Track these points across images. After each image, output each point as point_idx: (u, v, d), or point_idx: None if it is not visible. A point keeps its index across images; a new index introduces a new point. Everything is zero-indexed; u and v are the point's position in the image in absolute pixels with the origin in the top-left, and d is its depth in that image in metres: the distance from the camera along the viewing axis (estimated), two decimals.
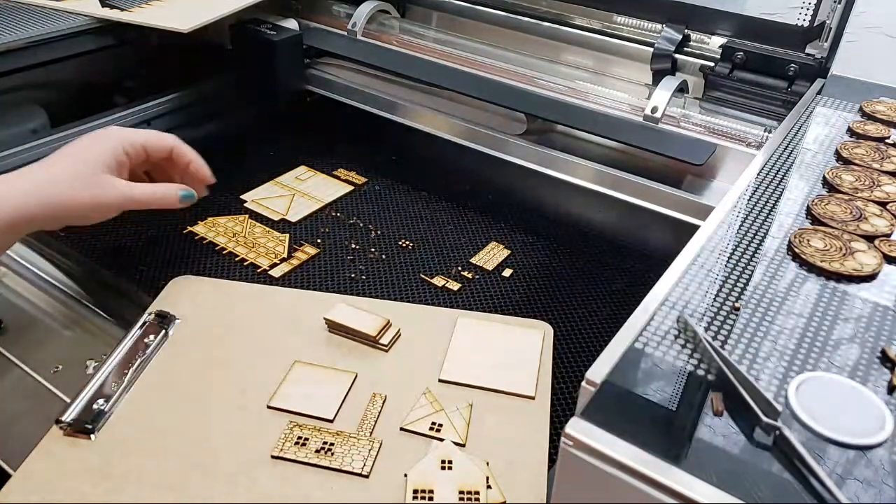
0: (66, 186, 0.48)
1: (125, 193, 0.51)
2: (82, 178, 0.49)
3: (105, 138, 0.52)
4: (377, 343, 0.52)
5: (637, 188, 0.66)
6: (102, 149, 0.51)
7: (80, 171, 0.50)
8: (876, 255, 0.41)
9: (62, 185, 0.48)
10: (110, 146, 0.52)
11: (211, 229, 0.66)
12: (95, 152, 0.51)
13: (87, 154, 0.51)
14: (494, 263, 0.64)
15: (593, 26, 0.80)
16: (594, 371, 0.31)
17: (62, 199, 0.48)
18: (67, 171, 0.49)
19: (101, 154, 0.51)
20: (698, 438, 0.29)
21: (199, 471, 0.42)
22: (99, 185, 0.50)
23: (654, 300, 0.37)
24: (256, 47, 0.80)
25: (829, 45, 0.66)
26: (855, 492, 0.27)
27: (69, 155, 0.50)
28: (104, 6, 0.78)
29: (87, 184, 0.49)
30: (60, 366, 0.52)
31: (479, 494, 0.41)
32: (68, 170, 0.49)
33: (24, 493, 0.41)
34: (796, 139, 0.55)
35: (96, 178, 0.50)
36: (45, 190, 0.48)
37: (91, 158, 0.50)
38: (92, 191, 0.50)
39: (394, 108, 0.81)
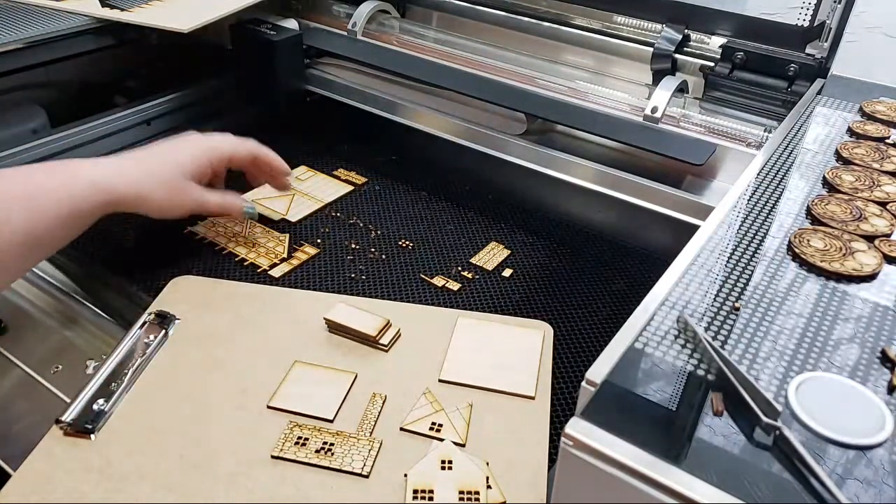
0: (152, 182, 0.55)
1: (198, 201, 0.58)
2: (166, 180, 0.56)
3: (196, 146, 0.59)
4: (377, 343, 0.52)
5: (637, 188, 0.66)
6: (192, 157, 0.58)
7: (167, 172, 0.56)
8: (876, 255, 0.41)
9: (149, 180, 0.55)
10: (198, 155, 0.58)
11: (211, 229, 0.66)
12: (184, 158, 0.58)
13: (177, 158, 0.57)
14: (494, 263, 0.64)
15: (593, 26, 0.80)
16: (594, 371, 0.31)
17: (145, 192, 0.55)
18: (156, 169, 0.56)
19: (188, 161, 0.58)
20: (698, 438, 0.29)
21: (199, 471, 0.42)
22: (178, 190, 0.57)
23: (654, 300, 0.37)
24: (256, 47, 0.80)
25: (829, 45, 0.66)
26: (855, 492, 0.27)
27: (163, 154, 0.57)
28: (104, 6, 0.78)
29: (168, 185, 0.56)
30: (60, 366, 0.53)
31: (479, 494, 0.41)
32: (157, 168, 0.56)
33: (24, 493, 0.41)
34: (796, 139, 0.55)
35: (178, 182, 0.57)
36: (135, 180, 0.54)
37: (179, 163, 0.57)
38: (171, 193, 0.56)
39: (394, 108, 0.81)
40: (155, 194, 0.55)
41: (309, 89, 0.87)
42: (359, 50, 0.84)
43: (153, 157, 0.57)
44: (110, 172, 0.53)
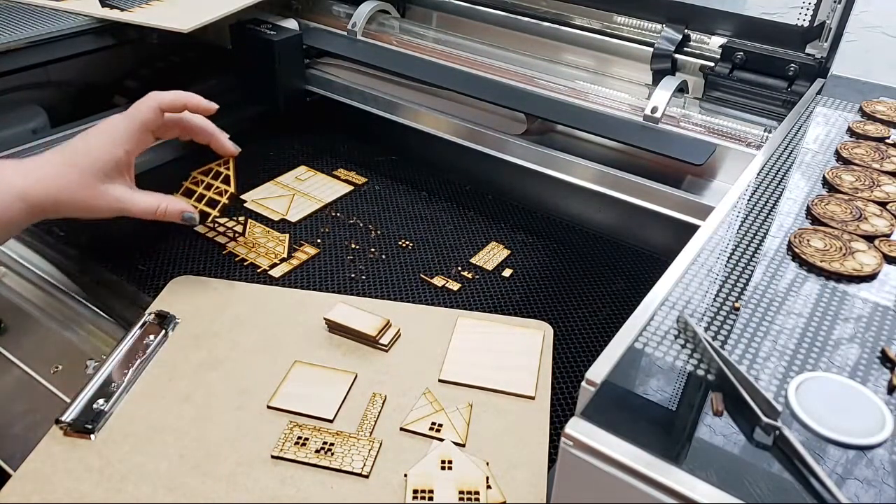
0: (68, 186, 0.51)
1: (122, 206, 0.53)
2: (82, 182, 0.51)
3: (104, 136, 0.53)
4: (377, 343, 0.52)
5: (637, 188, 0.66)
6: (106, 150, 0.52)
7: (82, 173, 0.51)
8: (876, 255, 0.41)
9: (64, 184, 0.51)
10: (108, 148, 0.52)
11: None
12: (98, 154, 0.52)
13: (91, 154, 0.52)
14: (494, 263, 0.64)
15: (593, 26, 0.80)
16: (594, 371, 0.31)
17: (61, 197, 0.51)
18: (69, 172, 0.51)
19: (103, 156, 0.52)
20: (698, 438, 0.29)
21: (199, 471, 0.42)
22: (97, 192, 0.52)
23: (654, 300, 0.37)
24: (256, 47, 0.80)
25: (829, 45, 0.66)
26: (855, 492, 0.27)
27: (75, 153, 0.52)
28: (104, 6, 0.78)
29: (85, 188, 0.51)
30: (60, 366, 0.53)
31: (479, 494, 0.41)
32: (70, 170, 0.51)
33: (24, 493, 0.41)
34: (796, 139, 0.55)
35: (94, 183, 0.52)
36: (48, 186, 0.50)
37: (93, 160, 0.52)
38: (89, 196, 0.52)
39: (394, 108, 0.81)
40: (71, 198, 0.51)
41: (309, 89, 0.87)
42: (359, 50, 0.84)
43: (67, 157, 0.52)
44: (31, 179, 0.50)
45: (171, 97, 0.56)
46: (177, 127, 0.58)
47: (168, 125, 0.58)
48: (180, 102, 0.57)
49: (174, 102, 0.56)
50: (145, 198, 0.54)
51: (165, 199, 0.55)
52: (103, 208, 0.53)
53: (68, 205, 0.51)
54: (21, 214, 0.50)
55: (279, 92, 0.82)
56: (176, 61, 0.96)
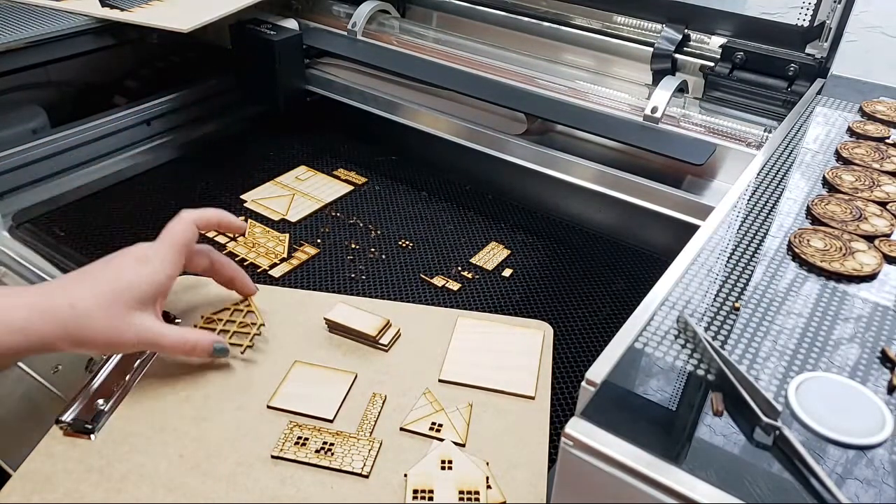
0: (86, 318, 0.43)
1: (148, 341, 0.46)
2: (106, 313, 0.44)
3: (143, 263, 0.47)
4: (377, 343, 0.52)
5: (637, 188, 0.66)
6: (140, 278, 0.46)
7: (106, 304, 0.44)
8: (876, 255, 0.41)
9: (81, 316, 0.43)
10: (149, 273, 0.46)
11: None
12: (127, 282, 0.45)
13: (117, 284, 0.45)
14: (494, 263, 0.64)
15: (593, 26, 0.80)
16: (594, 371, 0.31)
17: (78, 330, 0.43)
18: (90, 303, 0.44)
19: (135, 285, 0.45)
20: (698, 438, 0.29)
21: (199, 471, 0.42)
22: (123, 323, 0.44)
23: (654, 300, 0.37)
24: (256, 47, 0.80)
25: (829, 45, 0.66)
26: (855, 492, 0.27)
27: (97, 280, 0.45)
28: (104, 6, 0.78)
29: (110, 320, 0.44)
30: (60, 366, 0.52)
31: (479, 494, 0.41)
32: (91, 300, 0.44)
33: (24, 493, 0.41)
34: (796, 139, 0.55)
35: (122, 313, 0.44)
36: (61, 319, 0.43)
37: (122, 290, 0.45)
38: (113, 329, 0.44)
39: (394, 108, 0.81)
40: (90, 332, 0.43)
41: (309, 89, 0.87)
42: (359, 50, 0.84)
43: (90, 284, 0.45)
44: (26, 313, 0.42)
45: (206, 216, 0.51)
46: (207, 259, 0.52)
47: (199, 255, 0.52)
48: (214, 221, 0.52)
49: (209, 221, 0.52)
50: (174, 332, 0.47)
51: (192, 331, 0.48)
52: (130, 342, 0.45)
53: (86, 339, 0.44)
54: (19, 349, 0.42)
55: (279, 92, 0.82)
56: (176, 61, 0.96)
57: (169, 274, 0.47)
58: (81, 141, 0.75)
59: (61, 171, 0.74)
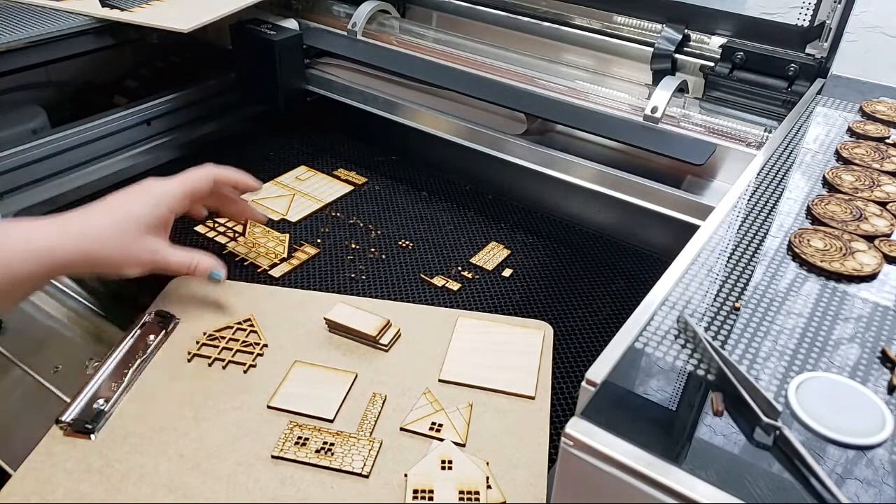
0: (102, 239, 0.49)
1: (156, 259, 0.52)
2: (119, 235, 0.50)
3: (148, 195, 0.53)
4: (377, 343, 0.52)
5: (637, 188, 0.66)
6: (145, 208, 0.52)
7: (119, 226, 0.50)
8: (876, 255, 0.41)
9: (98, 237, 0.49)
10: (152, 204, 0.52)
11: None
12: (139, 209, 0.51)
13: (131, 209, 0.51)
14: (494, 263, 0.64)
15: (593, 26, 0.80)
16: (594, 371, 0.31)
17: (93, 251, 0.49)
18: (105, 224, 0.50)
19: (142, 213, 0.51)
20: (698, 438, 0.29)
21: (199, 471, 0.42)
22: (133, 244, 0.51)
23: (654, 300, 0.37)
24: (256, 47, 0.80)
25: (829, 45, 0.66)
26: (855, 492, 0.27)
27: (110, 208, 0.51)
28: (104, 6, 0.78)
29: (122, 241, 0.50)
30: (60, 366, 0.52)
31: (479, 494, 0.41)
32: (106, 223, 0.50)
33: (24, 493, 0.41)
34: (796, 139, 0.55)
35: (132, 235, 0.51)
36: (80, 240, 0.48)
37: (133, 215, 0.51)
38: (126, 249, 0.50)
39: (394, 108, 0.81)
40: (105, 252, 0.49)
41: (309, 89, 0.87)
42: (359, 50, 0.84)
43: (103, 211, 0.51)
44: (51, 235, 0.47)
45: (226, 174, 0.58)
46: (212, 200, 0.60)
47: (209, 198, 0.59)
48: (233, 179, 0.59)
49: (227, 179, 0.59)
50: (178, 253, 0.54)
51: (197, 256, 0.55)
52: (140, 260, 0.51)
53: (102, 260, 0.49)
54: (42, 271, 0.47)
55: (279, 92, 0.82)
56: (176, 61, 0.96)
57: (171, 208, 0.53)
58: (81, 141, 0.75)
59: (61, 171, 0.74)
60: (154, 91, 0.84)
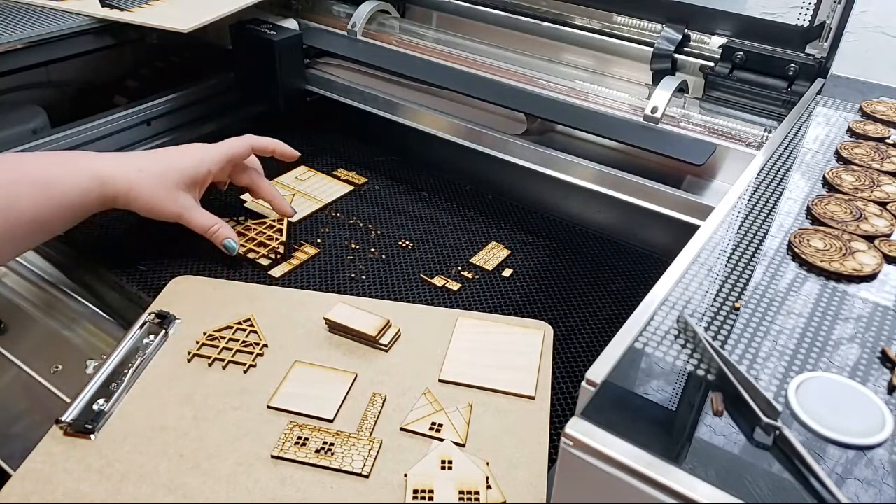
0: (145, 182, 0.57)
1: (183, 211, 0.59)
2: (159, 183, 0.57)
3: (195, 153, 0.60)
4: (377, 343, 0.52)
5: (637, 188, 0.66)
6: (191, 164, 0.59)
7: (162, 175, 0.57)
8: (876, 255, 0.41)
9: (143, 179, 0.57)
10: (195, 163, 0.60)
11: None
12: (182, 165, 0.59)
13: (175, 164, 0.59)
14: (494, 263, 0.64)
15: (593, 26, 0.80)
16: (594, 371, 0.31)
17: (136, 189, 0.56)
18: (153, 170, 0.57)
19: (186, 168, 0.59)
20: (698, 438, 0.29)
21: (199, 471, 0.42)
22: (168, 194, 0.58)
23: (654, 300, 0.37)
24: (256, 47, 0.80)
25: (829, 45, 0.66)
26: (855, 492, 0.27)
27: (164, 158, 0.59)
28: (104, 6, 0.78)
29: (160, 188, 0.57)
30: (60, 366, 0.53)
31: (478, 494, 0.41)
32: (154, 169, 0.57)
33: (24, 493, 0.41)
34: (796, 139, 0.55)
35: (170, 187, 0.58)
36: (131, 177, 0.56)
37: (175, 168, 0.58)
38: (159, 196, 0.57)
39: (394, 108, 0.81)
40: (145, 193, 0.57)
41: (309, 89, 0.87)
42: (359, 50, 0.84)
43: (154, 158, 0.58)
44: (111, 167, 0.55)
45: (263, 142, 0.66)
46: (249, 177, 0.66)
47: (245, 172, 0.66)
48: (270, 147, 0.66)
49: (265, 146, 0.66)
50: (204, 215, 0.60)
51: (220, 223, 0.60)
52: (168, 211, 0.58)
53: (139, 199, 0.56)
54: (96, 200, 0.55)
55: (279, 92, 0.82)
56: (176, 61, 0.96)
57: (210, 169, 0.61)
58: (81, 141, 0.75)
59: None
60: (154, 91, 0.84)
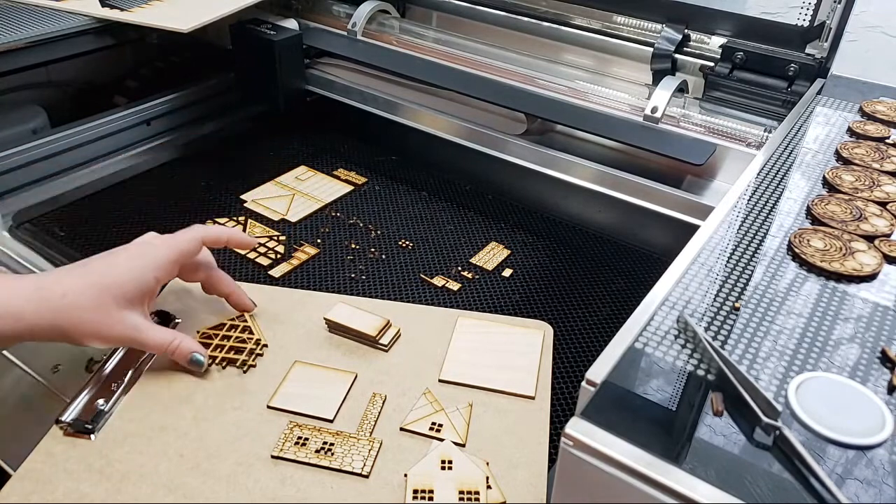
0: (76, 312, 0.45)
1: (134, 337, 0.47)
2: (96, 307, 0.46)
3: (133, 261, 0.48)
4: (377, 343, 0.52)
5: (637, 188, 0.66)
6: (129, 276, 0.47)
7: (97, 300, 0.46)
8: (876, 255, 0.41)
9: (73, 308, 0.45)
10: (137, 273, 0.48)
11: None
12: (119, 280, 0.47)
13: (109, 281, 0.46)
14: (494, 263, 0.64)
15: (593, 26, 0.80)
16: (594, 371, 0.31)
17: (65, 322, 0.45)
18: (83, 295, 0.45)
19: (124, 283, 0.47)
20: (698, 438, 0.29)
21: (199, 471, 0.42)
22: (111, 319, 0.46)
23: (654, 300, 0.37)
24: (256, 47, 0.80)
25: (829, 45, 0.66)
26: (855, 492, 0.27)
27: (91, 274, 0.47)
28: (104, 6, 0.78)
29: (98, 314, 0.46)
30: (60, 366, 0.52)
31: (479, 494, 0.41)
32: (85, 294, 0.45)
33: (24, 493, 0.41)
34: (796, 139, 0.55)
35: (111, 310, 0.46)
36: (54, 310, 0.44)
37: (113, 286, 0.46)
38: (100, 323, 0.46)
39: (394, 108, 0.81)
40: (79, 325, 0.45)
41: (309, 89, 0.87)
42: (359, 50, 0.84)
43: (84, 277, 0.46)
44: (25, 297, 0.44)
45: (216, 233, 0.53)
46: (204, 273, 0.54)
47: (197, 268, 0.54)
48: (224, 239, 0.54)
49: (217, 238, 0.53)
50: (158, 331, 0.49)
51: (179, 336, 0.49)
52: (115, 336, 0.47)
53: (73, 330, 0.45)
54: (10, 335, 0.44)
55: (279, 92, 0.82)
56: (176, 61, 0.96)
57: (157, 277, 0.48)
58: (81, 141, 0.75)
59: (61, 171, 0.74)
60: (154, 91, 0.84)
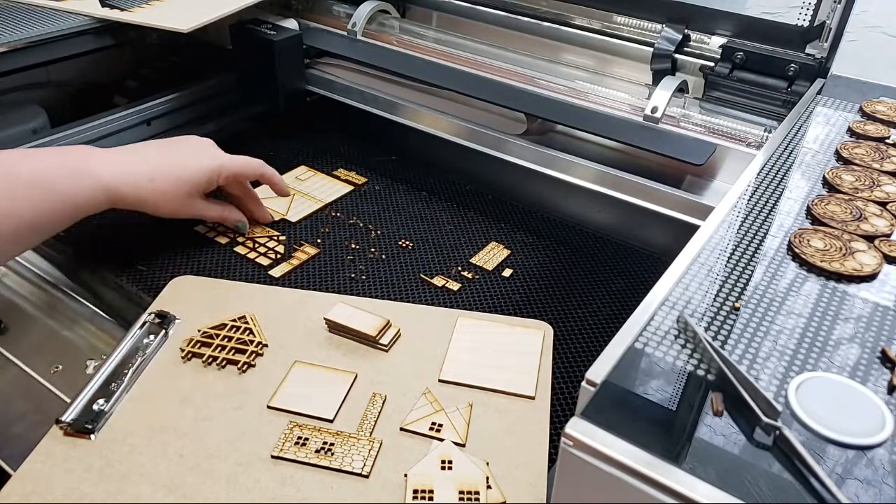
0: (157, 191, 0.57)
1: (197, 213, 0.62)
2: (171, 191, 0.58)
3: (208, 163, 0.60)
4: (377, 343, 0.52)
5: (637, 188, 0.66)
6: (202, 174, 0.60)
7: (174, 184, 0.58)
8: (876, 255, 0.41)
9: (154, 188, 0.57)
10: (208, 173, 0.60)
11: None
12: (194, 175, 0.59)
13: (187, 173, 0.59)
14: (494, 263, 0.64)
15: (593, 26, 0.80)
16: (594, 371, 0.31)
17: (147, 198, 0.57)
18: (164, 178, 0.58)
19: (198, 178, 0.60)
20: (698, 438, 0.29)
21: (199, 471, 0.42)
22: (181, 202, 0.59)
23: (654, 300, 0.37)
24: (256, 47, 0.80)
25: (829, 45, 0.66)
26: (855, 492, 0.27)
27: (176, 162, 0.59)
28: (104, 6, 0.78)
29: (172, 197, 0.58)
30: (60, 366, 0.53)
31: (478, 494, 0.41)
32: (165, 177, 0.58)
33: (24, 493, 0.41)
34: (796, 139, 0.55)
35: (182, 196, 0.59)
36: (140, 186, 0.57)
37: (187, 179, 0.59)
38: (173, 204, 0.59)
39: (394, 108, 0.81)
40: (158, 203, 0.58)
41: (309, 89, 0.87)
42: (359, 50, 0.84)
43: (166, 162, 0.58)
44: (117, 177, 0.55)
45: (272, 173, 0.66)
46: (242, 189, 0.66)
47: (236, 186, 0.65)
48: (274, 180, 0.67)
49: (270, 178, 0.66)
50: (215, 208, 0.63)
51: (228, 208, 0.64)
52: (183, 214, 0.61)
53: (151, 207, 0.58)
54: (101, 205, 0.56)
55: (279, 92, 0.82)
56: (176, 61, 0.96)
57: (226, 178, 0.62)
58: (81, 141, 0.75)
59: None
60: (154, 91, 0.84)
